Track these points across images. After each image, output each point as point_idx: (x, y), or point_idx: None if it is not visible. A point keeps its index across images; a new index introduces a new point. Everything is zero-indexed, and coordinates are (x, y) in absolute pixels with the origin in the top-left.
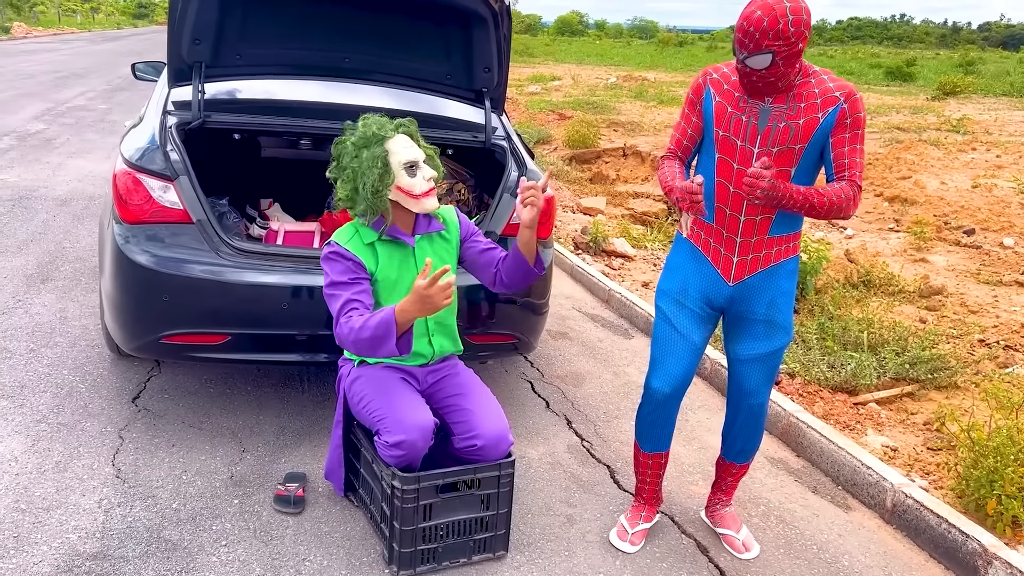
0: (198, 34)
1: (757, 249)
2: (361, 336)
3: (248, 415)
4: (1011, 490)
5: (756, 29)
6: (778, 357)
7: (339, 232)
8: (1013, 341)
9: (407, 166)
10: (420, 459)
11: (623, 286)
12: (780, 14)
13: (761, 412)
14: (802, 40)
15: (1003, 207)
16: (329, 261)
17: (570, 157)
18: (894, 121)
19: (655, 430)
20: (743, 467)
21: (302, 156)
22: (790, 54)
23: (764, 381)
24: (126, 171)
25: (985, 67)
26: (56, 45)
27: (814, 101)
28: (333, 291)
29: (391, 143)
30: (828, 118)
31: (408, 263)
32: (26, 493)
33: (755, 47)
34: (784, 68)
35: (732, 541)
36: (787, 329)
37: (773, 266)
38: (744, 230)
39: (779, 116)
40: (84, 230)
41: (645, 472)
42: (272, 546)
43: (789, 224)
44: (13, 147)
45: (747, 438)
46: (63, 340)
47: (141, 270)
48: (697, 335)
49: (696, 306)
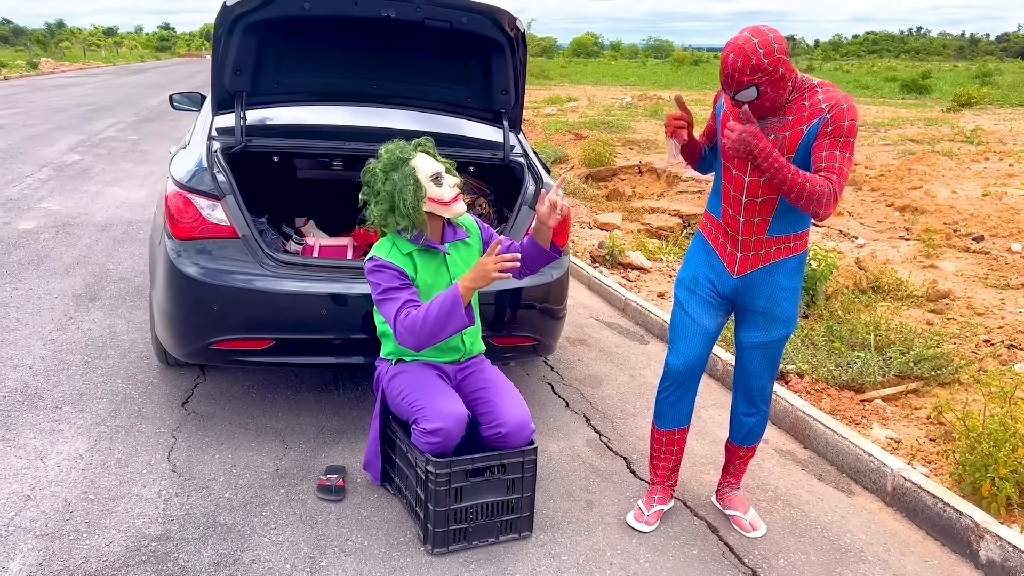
0: (239, 66)
1: (757, 247)
2: (428, 319)
3: (289, 416)
4: (1004, 472)
5: (734, 70)
6: (778, 346)
7: (377, 247)
8: (1018, 341)
9: (433, 178)
10: (453, 447)
11: (639, 296)
12: (751, 51)
13: (762, 395)
14: (781, 66)
15: (1012, 214)
16: (375, 273)
17: (587, 175)
18: (908, 133)
19: (669, 407)
20: (749, 450)
21: (335, 176)
22: (772, 81)
23: (765, 366)
24: (177, 192)
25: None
26: (83, 79)
27: (802, 114)
28: (387, 296)
29: (415, 161)
30: (811, 129)
31: (442, 269)
32: (93, 485)
33: (738, 85)
34: (773, 93)
35: (740, 521)
36: (786, 322)
37: (773, 263)
38: (744, 229)
39: (770, 128)
40: (125, 253)
41: (659, 449)
42: (317, 529)
43: (787, 226)
44: (52, 177)
45: (748, 419)
46: (114, 352)
47: (192, 281)
48: (707, 320)
49: (705, 293)
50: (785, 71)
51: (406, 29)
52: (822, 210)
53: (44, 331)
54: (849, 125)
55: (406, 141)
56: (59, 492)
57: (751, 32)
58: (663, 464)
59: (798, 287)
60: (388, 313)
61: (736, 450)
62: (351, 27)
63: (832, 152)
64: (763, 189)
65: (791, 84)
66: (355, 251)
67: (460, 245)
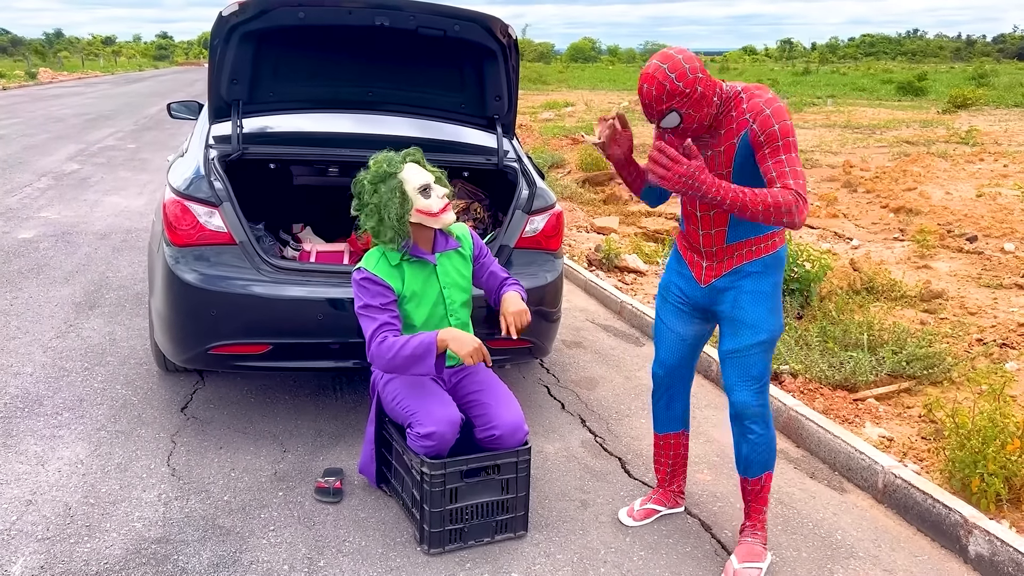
0: (235, 75)
1: (719, 256)
2: (400, 354)
3: (287, 420)
4: (993, 468)
5: (650, 99)
6: (752, 355)
7: (367, 257)
8: (1010, 339)
9: (421, 189)
10: (448, 450)
11: (635, 299)
12: (662, 78)
13: (745, 413)
14: (698, 84)
15: (1006, 214)
16: (360, 286)
17: (583, 180)
18: (904, 135)
19: (661, 411)
20: (753, 482)
21: (331, 182)
22: (692, 102)
23: (739, 379)
24: (175, 199)
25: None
26: (81, 89)
27: (731, 127)
28: (366, 313)
29: (403, 173)
30: (742, 140)
31: (431, 279)
32: (93, 490)
33: (658, 114)
34: (696, 113)
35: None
36: (754, 327)
37: (736, 268)
38: (704, 241)
39: (707, 145)
40: (124, 261)
41: (656, 453)
42: (315, 530)
43: (745, 231)
44: (51, 186)
45: (740, 443)
46: (113, 359)
47: (190, 288)
48: (680, 327)
49: (675, 301)
50: (704, 89)
51: (400, 37)
52: (795, 219)
53: (44, 338)
54: (781, 127)
55: (395, 152)
56: (60, 496)
57: (659, 59)
58: (661, 467)
59: (765, 290)
60: (364, 329)
61: (742, 482)
62: (345, 36)
63: (777, 161)
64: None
65: (716, 99)
66: (351, 257)
67: (452, 254)
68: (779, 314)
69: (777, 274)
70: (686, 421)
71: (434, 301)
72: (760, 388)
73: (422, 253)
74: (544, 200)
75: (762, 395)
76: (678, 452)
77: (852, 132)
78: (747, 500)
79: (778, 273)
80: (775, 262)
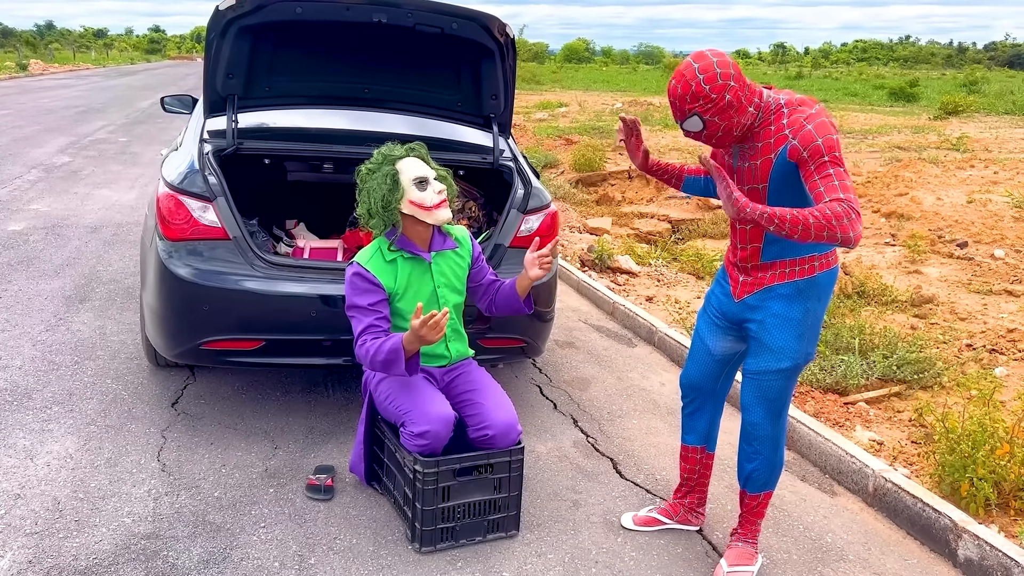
0: (231, 69)
1: (753, 273)
2: (376, 359)
3: (279, 417)
4: (983, 472)
5: (675, 98)
6: (770, 381)
7: (362, 252)
8: (999, 345)
9: (417, 182)
10: (441, 448)
11: (627, 300)
12: (690, 77)
13: (756, 434)
14: (727, 92)
15: (996, 220)
16: (350, 282)
17: (577, 180)
18: (895, 141)
19: (685, 419)
20: (753, 498)
21: (325, 179)
22: (718, 110)
23: (755, 400)
24: (169, 193)
25: (989, 86)
26: (73, 81)
27: (768, 141)
28: (354, 313)
29: (401, 164)
30: (780, 156)
31: (425, 277)
32: (83, 485)
33: (680, 115)
34: (722, 122)
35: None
36: (777, 353)
37: (767, 287)
38: (740, 255)
39: (744, 156)
40: (115, 255)
41: (680, 460)
42: (306, 527)
43: (780, 252)
44: (42, 179)
45: (747, 459)
46: (104, 353)
47: (183, 282)
48: (710, 340)
49: (712, 314)
50: (733, 98)
51: (397, 34)
52: (849, 233)
53: (34, 332)
54: (825, 142)
55: (400, 144)
56: (49, 491)
57: (693, 58)
58: (680, 475)
59: (794, 316)
60: (354, 329)
61: (741, 494)
62: (343, 32)
63: (825, 176)
64: None
65: (753, 109)
66: (345, 253)
67: (449, 255)
68: (808, 341)
69: (811, 301)
70: (708, 439)
71: (427, 300)
72: (775, 412)
73: (417, 250)
74: (539, 200)
75: (777, 419)
76: (693, 467)
77: (844, 137)
78: (743, 511)
79: (813, 300)
80: (810, 288)
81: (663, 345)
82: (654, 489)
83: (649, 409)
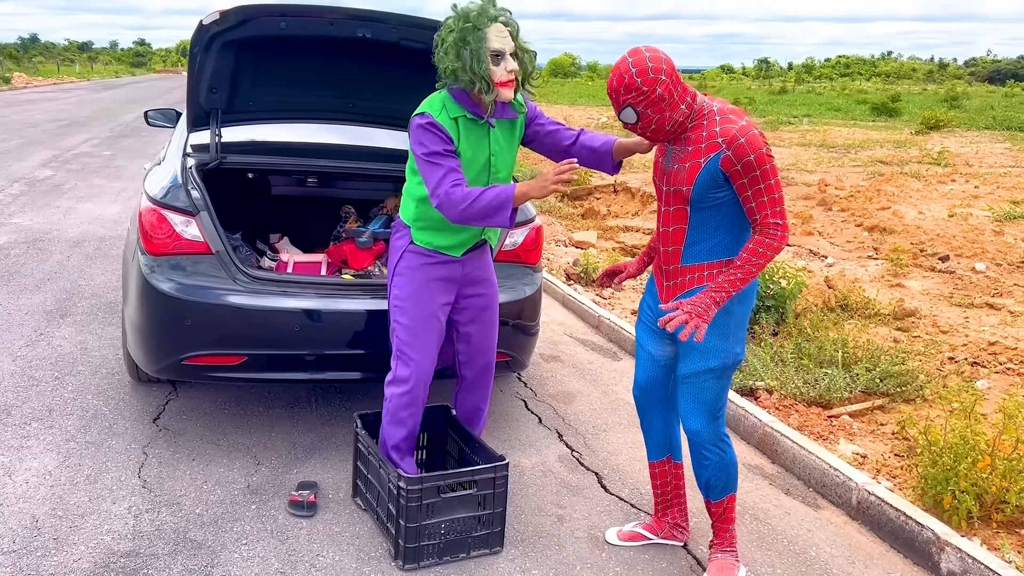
0: (215, 83)
1: (675, 276)
2: (477, 204)
3: (261, 432)
4: (965, 485)
5: (611, 90)
6: (700, 382)
7: (428, 103)
8: (981, 358)
9: (493, 55)
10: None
11: (613, 313)
12: (624, 71)
13: (698, 441)
14: (659, 86)
15: (977, 234)
16: (424, 131)
17: (562, 194)
18: (878, 155)
19: (644, 436)
20: (717, 505)
21: (309, 193)
22: (650, 102)
23: (691, 405)
24: (151, 208)
25: (970, 102)
26: (56, 94)
27: (699, 145)
28: (431, 160)
29: (489, 30)
30: (710, 163)
31: (483, 143)
32: (62, 502)
33: (616, 106)
34: (655, 115)
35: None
36: (704, 353)
37: (689, 290)
38: (664, 258)
39: (674, 158)
40: (97, 269)
41: (651, 479)
42: (288, 544)
43: (699, 255)
44: (24, 192)
45: (701, 468)
46: (85, 369)
47: (165, 297)
48: (650, 345)
49: (646, 319)
50: (665, 92)
51: (382, 49)
52: (781, 247)
53: (13, 347)
54: (757, 157)
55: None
56: (27, 508)
57: (630, 52)
58: (655, 495)
59: (717, 317)
60: (430, 178)
61: (706, 503)
62: (327, 46)
63: (756, 191)
64: (673, 218)
65: (685, 108)
66: (329, 267)
67: (507, 123)
68: (734, 341)
69: (733, 302)
70: (672, 448)
71: (481, 166)
72: (712, 415)
73: (480, 111)
74: (524, 214)
75: (715, 422)
76: (665, 480)
77: (827, 151)
78: (713, 520)
79: (735, 301)
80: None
81: None
82: (639, 504)
83: (634, 423)
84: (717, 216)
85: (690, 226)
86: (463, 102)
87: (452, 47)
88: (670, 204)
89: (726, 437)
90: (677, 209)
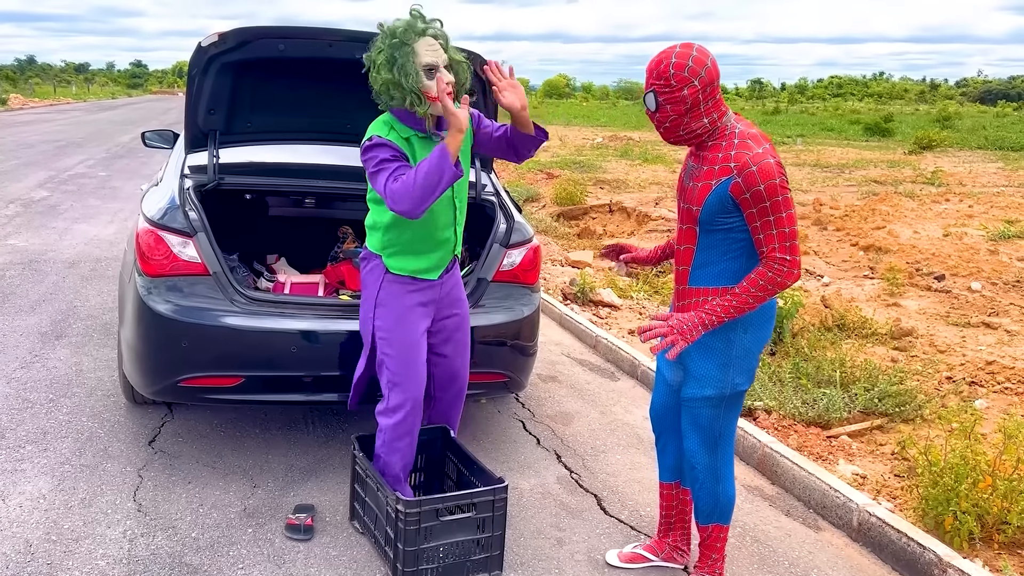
0: (213, 105)
1: (684, 296)
2: (419, 180)
3: (258, 454)
4: (966, 506)
5: (647, 70)
6: (697, 407)
7: (375, 126)
8: (979, 377)
9: (426, 69)
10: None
11: (610, 333)
12: (665, 56)
13: (692, 460)
14: (686, 88)
15: (972, 254)
16: (373, 148)
17: (558, 214)
18: (871, 175)
19: (657, 457)
20: (702, 529)
21: (306, 214)
22: (671, 98)
23: (690, 427)
24: (148, 229)
25: (962, 122)
26: (53, 115)
27: (712, 167)
28: (380, 167)
29: (418, 44)
30: (720, 187)
31: None
32: (56, 526)
33: (646, 86)
34: (672, 112)
35: None
36: (700, 380)
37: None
38: (676, 277)
39: (692, 174)
40: (93, 290)
41: (659, 498)
42: (285, 568)
43: (705, 279)
44: (20, 214)
45: (691, 484)
46: (80, 391)
47: (162, 319)
48: (666, 370)
49: None
50: (691, 97)
51: None
52: (787, 283)
53: (8, 369)
54: (768, 187)
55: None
56: (20, 533)
57: (682, 46)
58: (660, 515)
59: (715, 345)
60: (380, 184)
61: (697, 524)
62: (325, 68)
63: (766, 221)
64: (684, 237)
65: (707, 122)
66: (326, 288)
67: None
68: (736, 371)
69: (736, 331)
70: (683, 474)
71: None
72: (710, 442)
73: (424, 128)
74: (522, 234)
75: (713, 450)
76: (670, 504)
77: (821, 171)
78: (699, 541)
79: (738, 330)
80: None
81: (646, 379)
82: (639, 525)
83: (633, 444)
84: (726, 241)
85: (698, 247)
86: (407, 121)
87: (383, 66)
88: (683, 222)
89: (725, 470)
90: (688, 228)
